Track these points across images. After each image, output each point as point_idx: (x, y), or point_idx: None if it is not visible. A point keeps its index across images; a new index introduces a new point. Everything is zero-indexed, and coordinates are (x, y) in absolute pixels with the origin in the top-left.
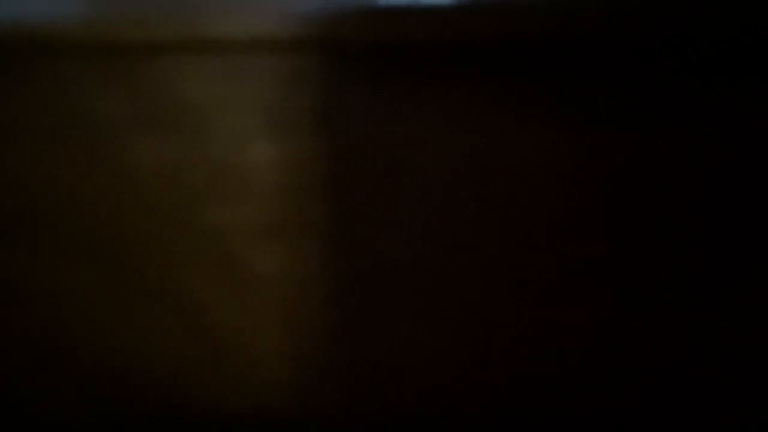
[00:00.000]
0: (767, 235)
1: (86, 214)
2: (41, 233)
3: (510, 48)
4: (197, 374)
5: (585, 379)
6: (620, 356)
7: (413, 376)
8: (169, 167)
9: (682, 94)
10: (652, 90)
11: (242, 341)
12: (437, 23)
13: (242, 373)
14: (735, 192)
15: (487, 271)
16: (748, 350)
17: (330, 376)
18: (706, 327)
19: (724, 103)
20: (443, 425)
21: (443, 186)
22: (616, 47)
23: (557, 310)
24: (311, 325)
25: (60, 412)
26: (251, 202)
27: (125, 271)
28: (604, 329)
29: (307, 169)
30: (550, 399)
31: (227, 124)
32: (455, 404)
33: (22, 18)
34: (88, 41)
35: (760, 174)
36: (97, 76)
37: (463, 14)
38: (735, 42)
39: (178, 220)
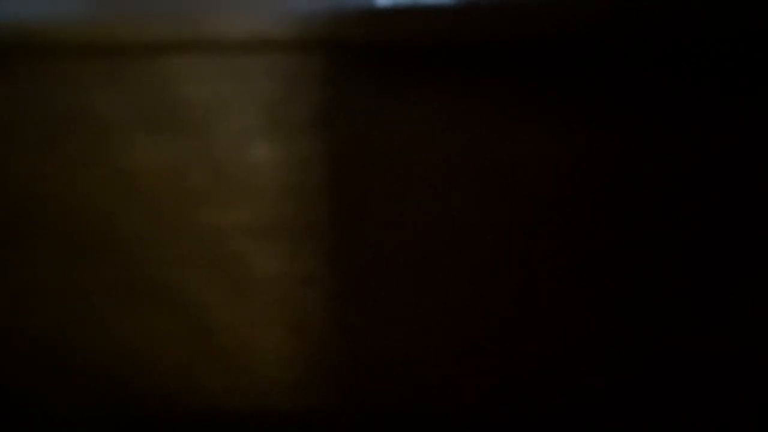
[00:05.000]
0: (766, 235)
1: (86, 214)
2: (40, 233)
3: (510, 48)
4: (197, 374)
5: (585, 379)
6: (620, 356)
7: (414, 375)
8: (169, 167)
9: (682, 95)
10: (652, 90)
11: (242, 341)
12: (437, 23)
13: (242, 373)
14: (735, 192)
15: (488, 270)
16: (748, 350)
17: (330, 376)
18: (706, 327)
19: (725, 104)
20: (444, 425)
21: (443, 185)
22: (616, 47)
23: (558, 309)
24: (311, 325)
25: (60, 412)
26: (251, 202)
27: (125, 271)
28: (604, 329)
29: (307, 169)
30: (551, 398)
31: (227, 124)
32: (456, 403)
33: (22, 18)
34: (88, 41)
35: (761, 174)
36: (97, 76)
37: (463, 14)
38: (734, 42)
39: (178, 220)
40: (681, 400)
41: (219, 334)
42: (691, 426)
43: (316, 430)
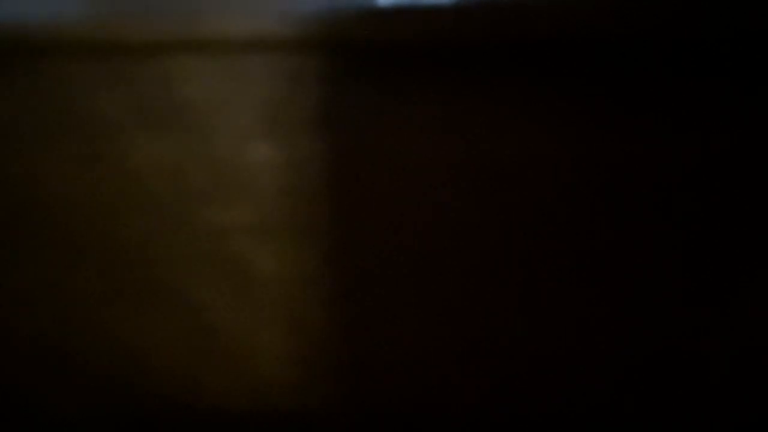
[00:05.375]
0: (767, 234)
1: (86, 214)
2: (41, 233)
3: (510, 48)
4: (197, 374)
5: (585, 379)
6: (620, 356)
7: (414, 375)
8: (169, 167)
9: (682, 95)
10: (652, 90)
11: (242, 341)
12: (437, 23)
13: (242, 372)
14: (736, 192)
15: (488, 270)
16: (748, 350)
17: (330, 376)
18: (706, 327)
19: (725, 104)
20: (444, 425)
21: (443, 186)
22: (616, 47)
23: (558, 309)
24: (311, 325)
25: (60, 412)
26: (251, 202)
27: (125, 271)
28: (604, 329)
29: (307, 169)
30: (551, 398)
31: (227, 124)
32: (456, 403)
33: (22, 18)
34: (88, 41)
35: (761, 174)
36: (97, 76)
37: (463, 14)
38: (734, 42)
39: (178, 220)
40: (681, 400)
41: (219, 334)
42: (691, 426)
43: (316, 430)
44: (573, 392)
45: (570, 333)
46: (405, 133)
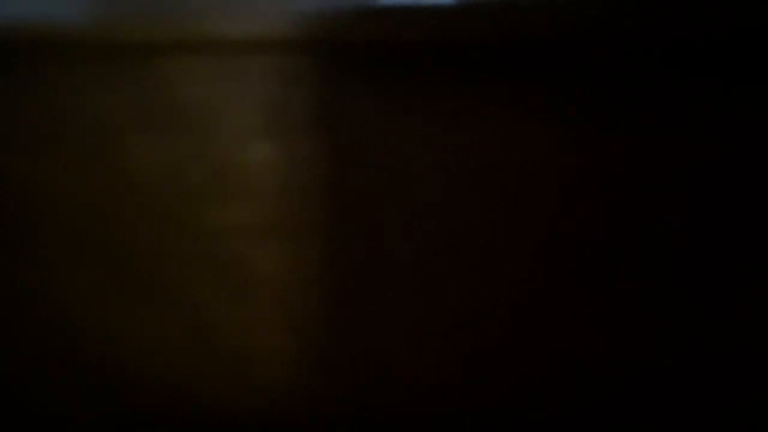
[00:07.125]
0: (767, 236)
1: (86, 214)
2: (41, 233)
3: (510, 48)
4: (197, 374)
5: (584, 380)
6: (621, 357)
7: (413, 375)
8: (169, 167)
9: (681, 95)
10: (651, 90)
11: (242, 341)
12: (437, 23)
13: (242, 373)
14: (736, 192)
15: (487, 270)
16: (748, 350)
17: (330, 376)
18: (706, 328)
19: (724, 104)
20: (444, 426)
21: (443, 186)
22: (616, 47)
23: (557, 310)
24: (311, 325)
25: (60, 411)
26: (251, 202)
27: (125, 271)
28: (605, 330)
29: (307, 169)
30: (549, 399)
31: (227, 124)
32: (455, 404)
33: (22, 18)
34: (89, 41)
35: (760, 175)
36: (97, 76)
37: (463, 14)
38: (734, 42)
39: (178, 220)
40: (682, 400)
41: (219, 334)
42: (691, 426)
43: (315, 430)
44: (574, 393)
45: (570, 333)
46: (404, 132)
